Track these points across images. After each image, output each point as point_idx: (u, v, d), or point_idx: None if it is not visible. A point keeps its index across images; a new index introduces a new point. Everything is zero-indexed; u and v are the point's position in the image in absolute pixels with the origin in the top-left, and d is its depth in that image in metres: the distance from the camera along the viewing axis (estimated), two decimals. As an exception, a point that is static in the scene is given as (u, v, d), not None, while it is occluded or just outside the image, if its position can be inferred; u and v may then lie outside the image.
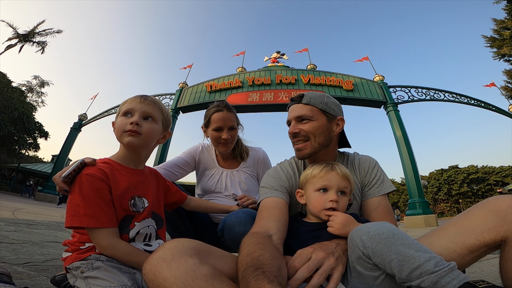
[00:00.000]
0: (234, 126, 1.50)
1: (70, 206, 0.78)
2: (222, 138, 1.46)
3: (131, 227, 0.86)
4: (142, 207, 0.91)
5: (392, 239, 0.63)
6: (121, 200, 0.85)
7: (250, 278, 0.53)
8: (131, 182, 0.90)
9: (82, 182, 0.79)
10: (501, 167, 40.01)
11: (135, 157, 0.96)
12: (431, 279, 0.57)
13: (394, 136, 9.30)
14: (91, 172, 0.81)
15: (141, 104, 0.93)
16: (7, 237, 1.93)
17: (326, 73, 10.64)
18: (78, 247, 0.81)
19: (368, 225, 0.70)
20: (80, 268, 0.76)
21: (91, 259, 0.77)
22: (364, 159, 1.09)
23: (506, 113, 10.42)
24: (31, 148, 21.14)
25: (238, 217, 1.06)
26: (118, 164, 0.92)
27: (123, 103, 0.96)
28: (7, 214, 3.80)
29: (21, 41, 20.22)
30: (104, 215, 0.78)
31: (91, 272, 0.75)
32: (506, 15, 14.03)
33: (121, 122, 0.91)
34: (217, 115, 1.47)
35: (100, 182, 0.81)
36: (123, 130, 0.90)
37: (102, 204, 0.79)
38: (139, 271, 0.81)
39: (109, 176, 0.84)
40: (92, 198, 0.78)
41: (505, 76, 14.95)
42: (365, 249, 0.66)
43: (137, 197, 0.91)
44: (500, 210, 0.68)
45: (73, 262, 0.78)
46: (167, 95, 11.59)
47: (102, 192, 0.80)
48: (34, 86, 23.64)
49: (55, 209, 7.35)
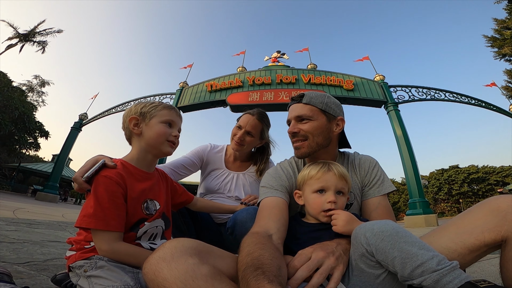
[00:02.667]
0: (252, 133, 1.50)
1: (84, 206, 0.80)
2: (236, 136, 1.50)
3: (141, 227, 0.88)
4: (155, 209, 0.93)
5: (396, 236, 0.63)
6: (135, 204, 0.86)
7: (250, 278, 0.53)
8: (145, 186, 0.93)
9: (99, 183, 0.80)
10: (501, 167, 39.94)
11: (151, 161, 0.99)
12: (433, 277, 0.57)
13: (395, 136, 9.29)
14: (109, 174, 0.82)
15: (179, 120, 1.03)
16: (8, 237, 1.93)
17: (327, 72, 10.62)
18: (83, 246, 0.82)
19: (372, 222, 0.70)
20: (83, 267, 0.77)
21: (95, 258, 0.78)
22: (364, 159, 1.09)
23: (506, 113, 10.40)
24: (31, 148, 21.15)
25: (249, 213, 1.07)
26: (133, 167, 0.94)
27: (160, 109, 0.98)
28: (8, 213, 3.81)
29: (22, 40, 20.22)
30: (113, 219, 0.79)
31: (94, 271, 0.75)
32: (507, 15, 14.00)
33: (164, 130, 0.95)
34: (246, 116, 1.54)
35: (116, 186, 0.82)
36: (166, 139, 0.96)
37: (113, 207, 0.80)
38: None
39: (126, 180, 0.85)
40: (104, 200, 0.79)
41: (506, 76, 14.91)
42: (368, 246, 0.66)
43: (149, 200, 0.92)
44: (501, 209, 0.68)
45: (77, 260, 0.79)
46: (167, 95, 11.59)
47: (115, 196, 0.81)
48: (34, 86, 23.62)
49: (55, 209, 7.36)
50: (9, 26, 19.29)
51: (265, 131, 1.56)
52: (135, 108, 0.99)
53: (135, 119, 0.96)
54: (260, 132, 1.53)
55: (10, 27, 19.35)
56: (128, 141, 1.01)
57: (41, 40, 20.78)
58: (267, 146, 1.64)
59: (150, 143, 0.95)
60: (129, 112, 0.98)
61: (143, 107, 0.98)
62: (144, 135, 0.95)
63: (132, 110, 0.99)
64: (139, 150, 0.96)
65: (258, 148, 1.64)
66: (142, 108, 0.98)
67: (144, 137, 0.95)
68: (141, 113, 0.97)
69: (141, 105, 0.99)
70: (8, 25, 19.22)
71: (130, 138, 0.99)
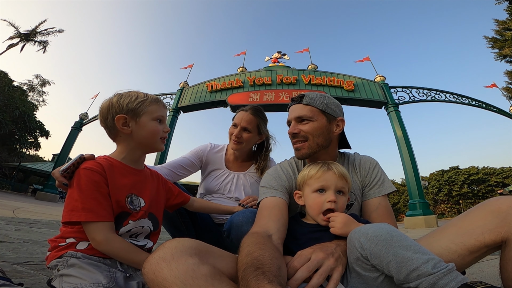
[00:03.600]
0: (248, 128, 1.48)
1: (68, 201, 0.77)
2: (233, 134, 1.48)
3: (124, 224, 0.84)
4: (139, 206, 0.89)
5: (390, 240, 0.63)
6: (117, 195, 0.83)
7: (250, 278, 0.53)
8: (129, 179, 0.89)
9: (80, 176, 0.78)
10: (501, 168, 39.94)
11: (139, 158, 0.96)
12: (429, 280, 0.57)
13: (395, 137, 9.29)
14: (89, 166, 0.80)
15: (166, 111, 0.98)
16: (7, 236, 1.93)
17: (327, 73, 10.62)
18: (58, 244, 0.79)
19: (366, 226, 0.69)
20: (57, 266, 0.74)
21: (67, 256, 0.75)
22: (365, 160, 1.09)
23: (507, 114, 10.39)
24: (32, 147, 21.23)
25: (246, 217, 1.05)
26: (118, 161, 0.90)
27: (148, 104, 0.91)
28: (8, 213, 3.81)
29: (23, 40, 20.28)
30: (102, 209, 0.77)
31: (66, 269, 0.73)
32: (508, 16, 14.01)
33: (157, 127, 0.92)
34: (240, 113, 1.52)
35: (97, 175, 0.79)
36: (159, 136, 0.93)
37: (100, 197, 0.78)
38: (120, 271, 0.79)
39: (106, 169, 0.83)
40: (89, 192, 0.77)
41: (507, 77, 14.93)
42: (363, 251, 0.66)
43: (134, 195, 0.89)
44: (501, 211, 0.68)
45: (51, 260, 0.77)
46: (168, 95, 11.59)
47: (99, 185, 0.79)
48: (35, 85, 23.70)
49: (55, 208, 7.36)
50: (10, 25, 19.36)
51: (261, 125, 1.53)
52: (117, 103, 0.89)
53: (123, 118, 0.88)
54: (256, 126, 1.51)
55: (11, 26, 19.42)
56: (112, 138, 0.94)
57: (42, 40, 20.85)
58: (267, 141, 1.61)
59: (143, 142, 0.91)
60: (110, 108, 0.89)
61: (129, 102, 0.89)
62: (134, 134, 0.90)
63: (115, 106, 0.88)
64: (128, 149, 0.92)
65: (259, 145, 1.62)
66: (128, 104, 0.89)
67: (135, 137, 0.90)
68: (129, 110, 0.88)
69: (126, 99, 0.89)
70: (9, 24, 19.28)
71: (115, 137, 0.93)
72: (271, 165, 1.61)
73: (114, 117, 0.88)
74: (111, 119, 0.89)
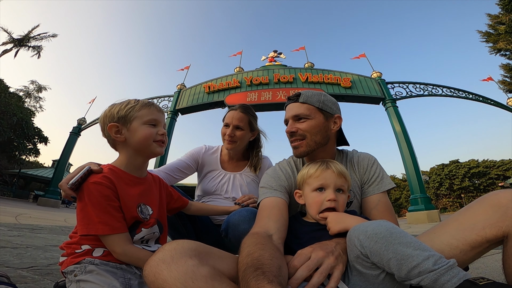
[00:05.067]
0: (240, 126, 1.49)
1: (82, 215, 0.79)
2: (226, 134, 1.49)
3: (137, 232, 0.87)
4: (148, 214, 0.91)
5: (390, 238, 0.62)
6: (128, 206, 0.85)
7: (250, 278, 0.53)
8: (136, 189, 0.91)
9: (91, 190, 0.79)
10: (502, 160, 40.03)
11: (141, 164, 0.96)
12: (430, 277, 0.57)
13: (394, 132, 9.30)
14: (98, 180, 0.81)
15: (162, 116, 0.97)
16: (11, 242, 1.93)
17: (324, 71, 10.62)
18: (74, 251, 0.81)
19: (366, 224, 0.69)
20: (74, 272, 0.77)
21: (85, 262, 0.77)
22: (363, 157, 1.09)
23: (504, 107, 10.41)
24: (31, 154, 21.14)
25: (242, 216, 1.06)
26: (122, 171, 0.91)
27: (139, 109, 0.91)
28: (10, 219, 3.81)
29: (16, 45, 20.22)
30: (116, 221, 0.80)
31: (84, 275, 0.75)
32: (500, 10, 14.02)
33: (149, 132, 0.90)
34: (230, 113, 1.53)
35: (108, 190, 0.81)
36: (153, 139, 0.91)
37: (113, 210, 0.80)
38: (137, 274, 0.82)
39: (115, 182, 0.84)
40: (103, 206, 0.79)
41: (502, 70, 14.97)
42: (363, 249, 0.65)
43: (143, 204, 0.91)
44: (501, 205, 0.67)
45: (68, 266, 0.78)
46: (165, 97, 11.58)
47: (111, 199, 0.81)
48: (31, 91, 23.61)
49: (57, 214, 7.35)
50: (3, 31, 19.27)
51: (253, 122, 1.55)
52: (110, 112, 0.91)
53: (115, 126, 0.89)
54: (248, 123, 1.52)
55: (4, 32, 19.33)
56: (113, 148, 0.95)
57: (36, 45, 20.79)
58: (259, 138, 1.63)
59: (138, 147, 0.91)
60: (105, 118, 0.91)
61: (119, 110, 0.90)
62: (129, 141, 0.90)
63: (108, 116, 0.91)
64: (128, 156, 0.93)
65: (250, 143, 1.62)
66: (119, 111, 0.90)
67: (130, 143, 0.90)
68: (119, 118, 0.89)
69: (116, 107, 0.91)
70: (2, 29, 19.18)
71: (114, 146, 0.94)
72: (264, 162, 1.63)
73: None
74: (106, 130, 0.91)
